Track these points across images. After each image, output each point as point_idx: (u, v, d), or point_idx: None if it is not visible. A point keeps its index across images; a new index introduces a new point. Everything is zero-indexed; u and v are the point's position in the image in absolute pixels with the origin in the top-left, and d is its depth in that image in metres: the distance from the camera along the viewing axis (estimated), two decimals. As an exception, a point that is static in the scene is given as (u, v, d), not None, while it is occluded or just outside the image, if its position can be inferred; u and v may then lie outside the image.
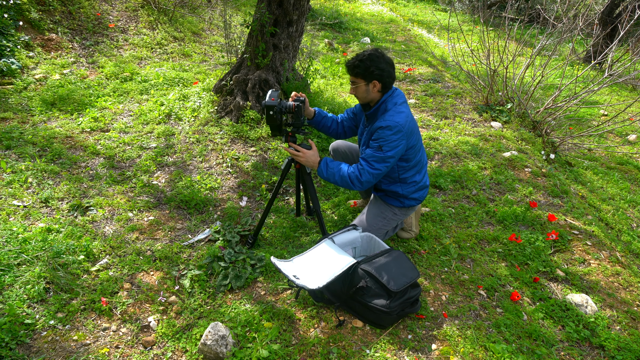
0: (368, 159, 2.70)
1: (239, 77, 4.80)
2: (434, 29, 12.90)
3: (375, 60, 2.64)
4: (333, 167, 2.76)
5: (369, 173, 2.68)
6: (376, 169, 2.68)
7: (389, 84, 2.72)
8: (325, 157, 2.82)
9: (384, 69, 2.66)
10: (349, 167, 2.74)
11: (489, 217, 3.62)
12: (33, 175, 3.66)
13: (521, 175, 4.28)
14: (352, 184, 2.72)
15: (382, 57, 2.67)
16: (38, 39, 6.12)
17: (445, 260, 3.06)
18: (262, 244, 3.20)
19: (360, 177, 2.69)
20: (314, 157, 2.81)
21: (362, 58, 2.65)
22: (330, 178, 2.77)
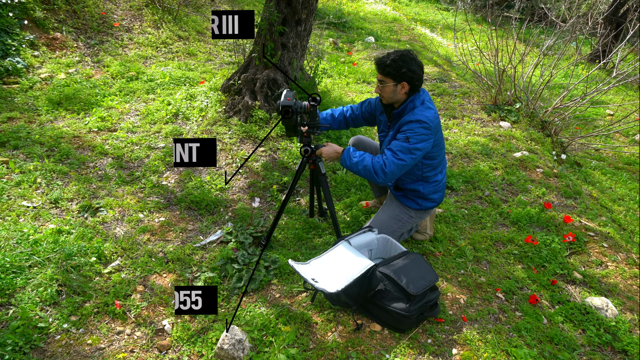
0: (393, 149, 2.65)
1: (247, 76, 4.75)
2: (436, 28, 12.86)
3: (407, 61, 2.60)
4: (357, 156, 2.70)
5: (393, 163, 2.63)
6: (401, 159, 2.63)
7: (417, 87, 2.68)
8: (348, 147, 2.77)
9: (415, 71, 2.62)
10: (373, 157, 2.70)
11: (502, 218, 3.58)
12: (42, 175, 3.62)
13: (533, 176, 4.24)
14: (375, 175, 2.67)
15: (414, 59, 2.64)
16: (43, 38, 6.08)
17: (461, 263, 3.02)
18: (274, 245, 3.16)
19: (385, 168, 2.64)
20: (333, 148, 2.78)
21: (394, 58, 2.61)
22: (354, 167, 2.72)
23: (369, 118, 3.08)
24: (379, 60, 2.68)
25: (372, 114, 3.06)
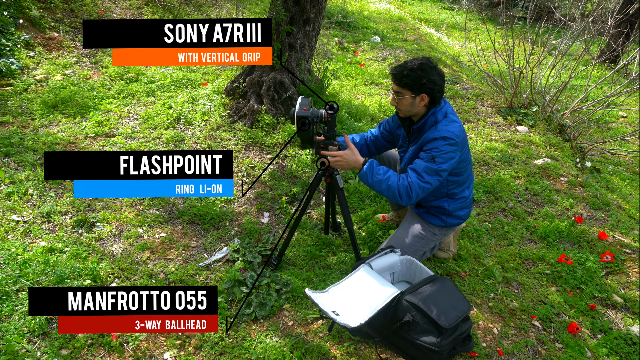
0: (418, 170, 2.39)
1: (253, 78, 4.50)
2: (441, 27, 12.61)
3: (427, 70, 2.34)
4: (381, 174, 2.42)
5: (419, 186, 2.37)
6: (426, 182, 2.38)
7: (438, 99, 2.42)
8: (371, 160, 2.48)
9: (435, 81, 2.36)
10: (398, 177, 2.43)
11: (529, 232, 3.33)
12: (34, 186, 3.37)
13: (557, 185, 3.99)
14: (399, 198, 2.41)
15: (435, 67, 2.37)
16: (39, 38, 5.83)
17: (490, 285, 2.77)
18: (284, 264, 2.90)
19: (410, 192, 2.38)
20: (354, 156, 2.47)
21: (412, 67, 2.33)
22: (375, 186, 2.45)
23: (389, 137, 2.82)
24: (395, 69, 2.41)
25: (391, 132, 2.80)
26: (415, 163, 2.44)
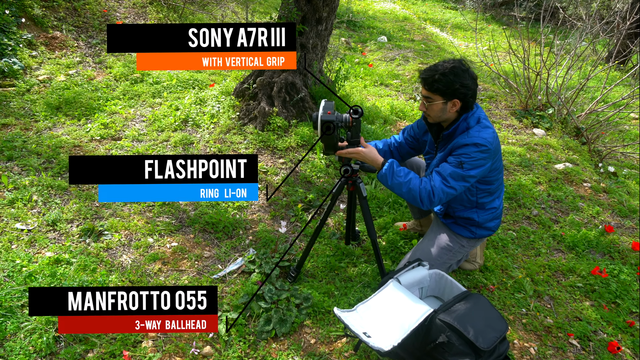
0: (443, 174, 2.25)
1: (264, 79, 4.35)
2: (446, 27, 12.46)
3: (459, 74, 2.18)
4: (402, 175, 2.27)
5: (442, 191, 2.23)
6: (451, 187, 2.23)
7: (470, 105, 2.27)
8: (391, 160, 2.32)
9: (469, 86, 2.21)
10: (420, 179, 2.29)
11: (556, 242, 3.19)
12: (38, 192, 3.23)
13: (581, 191, 3.85)
14: (420, 202, 2.27)
15: (467, 71, 2.21)
16: (41, 37, 5.68)
17: (521, 299, 2.63)
18: (302, 276, 2.76)
19: (433, 196, 2.23)
20: (372, 155, 2.31)
21: (444, 71, 2.18)
22: (395, 188, 2.30)
23: (414, 144, 2.68)
24: (426, 73, 2.25)
25: (416, 139, 2.66)
26: (442, 166, 2.29)
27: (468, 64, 2.26)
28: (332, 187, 3.61)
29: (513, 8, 15.81)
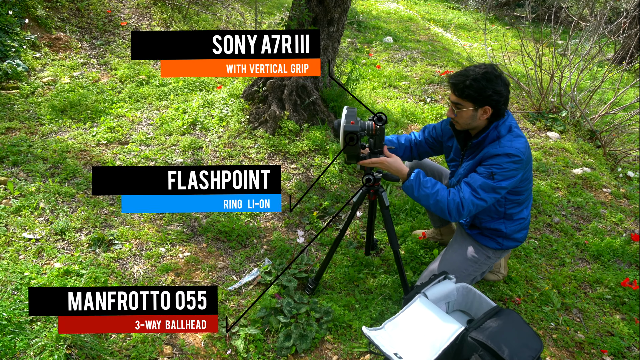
0: (473, 185, 2.15)
1: (274, 82, 4.26)
2: (449, 27, 12.37)
3: (492, 80, 2.08)
4: (429, 186, 2.17)
5: (472, 203, 2.13)
6: (481, 199, 2.14)
7: (502, 112, 2.17)
8: (418, 170, 2.23)
9: (501, 92, 2.10)
10: (448, 191, 2.19)
11: (580, 250, 3.09)
12: (45, 199, 3.13)
13: (601, 197, 3.75)
14: (448, 214, 2.17)
15: (500, 76, 2.11)
16: (45, 38, 5.58)
17: (549, 312, 2.53)
18: (321, 288, 2.66)
19: (462, 208, 2.14)
20: (397, 165, 2.21)
21: (475, 77, 2.08)
22: (422, 200, 2.20)
23: (434, 145, 2.58)
24: (456, 79, 2.15)
25: (438, 141, 2.56)
26: (471, 177, 2.19)
27: (500, 70, 2.16)
28: (346, 194, 3.51)
29: (515, 8, 15.75)
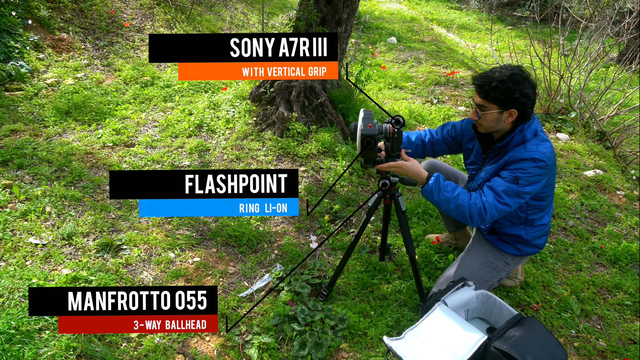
0: (497, 190, 2.09)
1: (282, 83, 4.20)
2: (452, 28, 12.32)
3: (519, 82, 2.02)
4: (449, 190, 2.12)
5: (495, 208, 2.08)
6: (505, 204, 2.08)
7: (529, 115, 2.11)
8: (437, 174, 2.18)
9: (528, 95, 2.04)
10: (469, 195, 2.13)
11: (596, 255, 3.03)
12: (51, 203, 3.08)
13: (615, 200, 3.69)
14: (470, 219, 2.11)
15: (527, 78, 2.05)
16: (48, 39, 5.53)
17: (568, 319, 2.47)
18: (334, 294, 2.60)
19: (485, 213, 2.08)
20: (416, 168, 2.16)
21: (502, 78, 2.02)
22: (442, 204, 2.15)
23: (452, 144, 2.52)
24: (481, 80, 2.09)
25: (457, 141, 2.50)
26: (495, 181, 2.14)
27: (527, 72, 2.10)
28: (357, 197, 3.45)
29: (517, 8, 15.71)
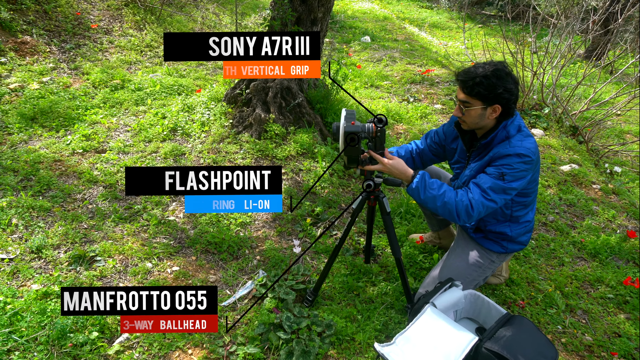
0: (483, 186, 2.07)
1: (257, 85, 4.11)
2: (424, 26, 12.42)
3: (503, 78, 2.00)
4: (435, 188, 2.09)
5: (482, 205, 2.05)
6: (492, 200, 2.06)
7: (512, 111, 2.10)
8: (422, 172, 2.14)
9: (512, 90, 2.03)
10: (455, 192, 2.11)
11: (577, 249, 3.06)
12: (18, 214, 2.92)
13: (591, 194, 3.75)
14: (457, 216, 2.08)
15: (510, 74, 2.04)
16: (10, 42, 5.29)
17: (554, 315, 2.47)
18: (320, 299, 2.54)
19: (472, 210, 2.06)
20: (401, 167, 2.12)
21: (485, 74, 2.00)
22: (429, 203, 2.11)
23: (437, 150, 2.49)
24: (464, 76, 2.06)
25: (441, 145, 2.48)
26: (480, 178, 2.12)
27: (510, 67, 2.08)
28: (338, 198, 3.40)
29: (485, 7, 15.98)
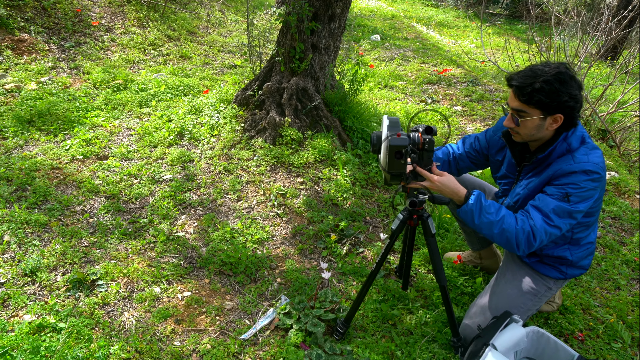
0: (545, 210, 1.77)
1: (271, 85, 3.81)
2: (431, 25, 12.13)
3: (567, 82, 1.70)
4: (492, 212, 1.79)
5: (545, 232, 1.76)
6: (555, 226, 1.76)
7: (575, 120, 1.79)
8: (478, 191, 1.85)
9: (577, 97, 1.73)
10: (514, 217, 1.81)
11: (631, 269, 2.76)
12: (10, 230, 2.62)
13: (636, 205, 3.44)
14: (516, 246, 1.79)
15: (574, 78, 1.73)
16: (7, 40, 4.99)
17: (620, 351, 2.17)
18: (351, 330, 2.24)
19: (534, 239, 1.76)
20: (452, 185, 1.84)
21: (546, 79, 1.69)
22: (484, 227, 1.81)
23: (477, 159, 2.19)
24: (519, 80, 1.75)
25: (482, 154, 2.18)
26: (540, 200, 1.81)
27: (573, 69, 1.78)
28: (362, 210, 3.10)
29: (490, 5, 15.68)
